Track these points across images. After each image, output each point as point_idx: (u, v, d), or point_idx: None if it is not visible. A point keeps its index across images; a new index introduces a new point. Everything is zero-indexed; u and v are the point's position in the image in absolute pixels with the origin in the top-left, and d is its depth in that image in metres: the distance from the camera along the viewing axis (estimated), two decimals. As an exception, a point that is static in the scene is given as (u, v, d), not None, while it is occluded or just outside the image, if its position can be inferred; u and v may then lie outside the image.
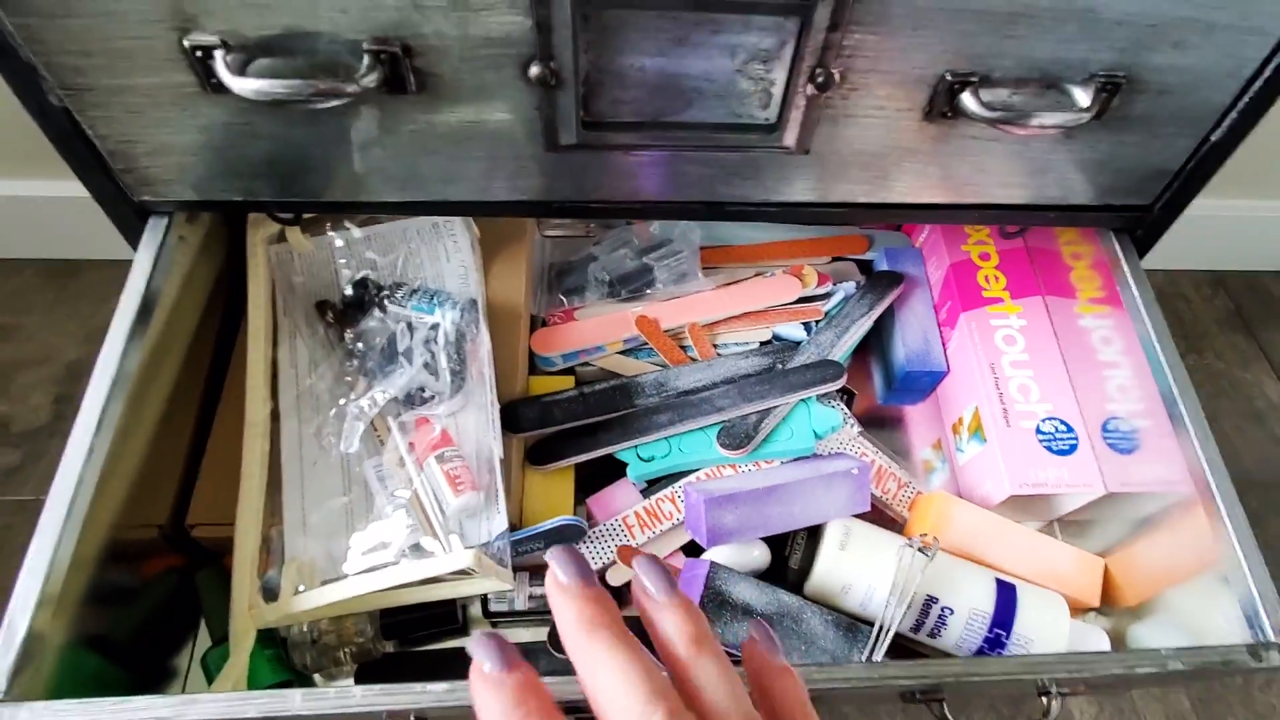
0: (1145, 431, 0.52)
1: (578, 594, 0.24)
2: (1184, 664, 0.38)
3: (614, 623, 0.23)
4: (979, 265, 0.62)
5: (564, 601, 0.24)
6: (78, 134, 0.40)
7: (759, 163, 0.45)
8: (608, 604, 0.24)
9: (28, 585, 0.36)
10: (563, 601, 0.24)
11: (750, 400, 0.55)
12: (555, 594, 0.24)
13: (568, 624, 0.23)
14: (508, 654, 0.23)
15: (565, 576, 0.24)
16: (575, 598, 0.24)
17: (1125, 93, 0.41)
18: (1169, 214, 0.51)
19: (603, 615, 0.23)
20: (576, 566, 0.24)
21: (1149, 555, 0.51)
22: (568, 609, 0.24)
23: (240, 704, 0.33)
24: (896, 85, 0.40)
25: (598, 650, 0.22)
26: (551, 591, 0.24)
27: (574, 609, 0.23)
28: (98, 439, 0.40)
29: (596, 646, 0.22)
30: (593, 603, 0.23)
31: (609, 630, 0.23)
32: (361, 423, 0.48)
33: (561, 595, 0.24)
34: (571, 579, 0.24)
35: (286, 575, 0.44)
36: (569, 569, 0.24)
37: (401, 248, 0.55)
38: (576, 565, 0.24)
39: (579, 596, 0.24)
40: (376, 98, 0.39)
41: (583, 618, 0.23)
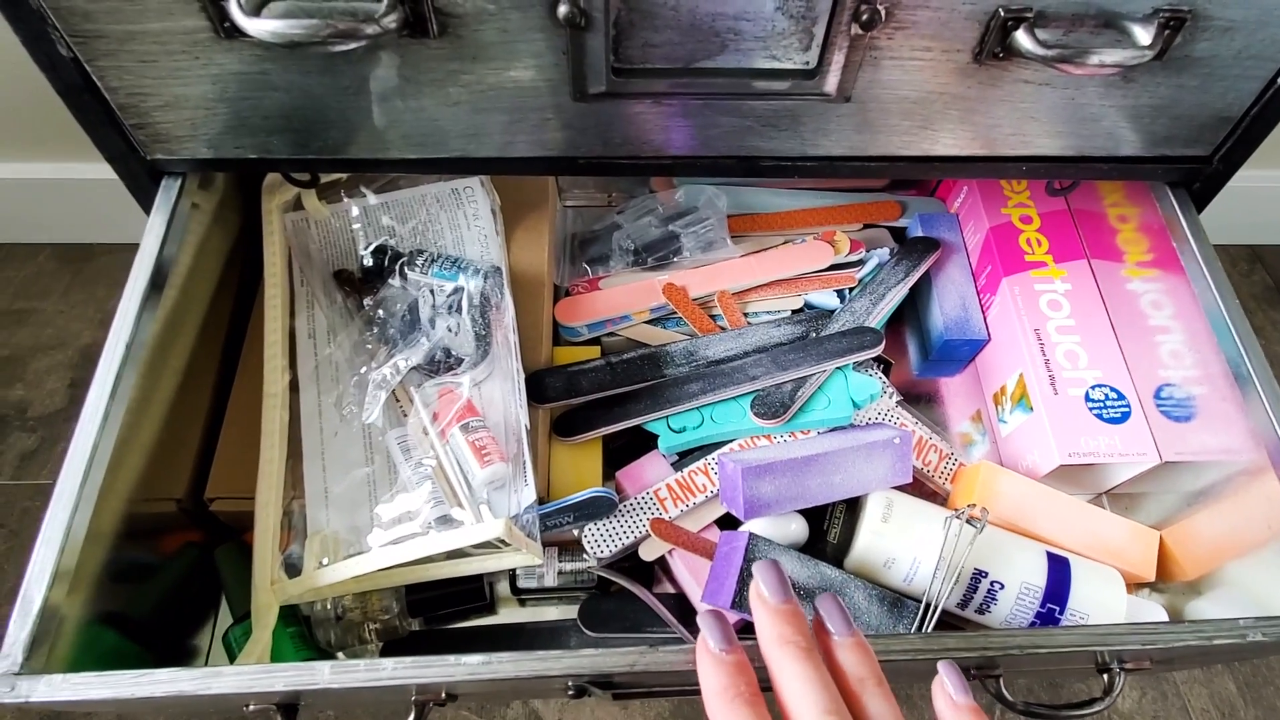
0: (1202, 398, 0.49)
1: (775, 611, 0.28)
2: (1265, 635, 0.35)
3: (804, 639, 0.27)
4: (1020, 229, 0.59)
5: (763, 615, 0.28)
6: (88, 87, 0.38)
7: (797, 112, 0.42)
8: (800, 622, 0.28)
9: (43, 557, 0.35)
10: (762, 614, 0.28)
11: (785, 368, 0.52)
12: (757, 606, 0.29)
13: (765, 635, 0.28)
14: (730, 634, 0.28)
15: (768, 592, 0.29)
16: (772, 614, 0.28)
17: (1188, 29, 0.39)
18: (1228, 167, 0.48)
19: (794, 632, 0.28)
20: (777, 585, 0.29)
21: (1208, 527, 0.49)
22: (766, 624, 0.28)
23: (265, 677, 0.32)
24: (945, 23, 0.38)
25: (788, 661, 0.27)
26: (754, 603, 0.29)
27: (770, 625, 0.28)
28: (112, 407, 0.38)
29: (787, 658, 0.27)
30: (786, 620, 0.28)
31: (798, 647, 0.27)
32: (383, 392, 0.46)
33: (762, 609, 0.28)
34: (773, 595, 0.28)
35: (309, 549, 0.43)
36: (771, 586, 0.29)
37: (420, 214, 0.53)
38: (777, 583, 0.29)
39: (776, 614, 0.28)
40: (396, 42, 0.37)
41: (777, 632, 0.27)
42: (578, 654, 0.33)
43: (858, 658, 0.28)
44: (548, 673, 0.33)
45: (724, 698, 0.26)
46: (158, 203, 0.44)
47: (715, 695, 0.26)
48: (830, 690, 0.26)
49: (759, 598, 0.29)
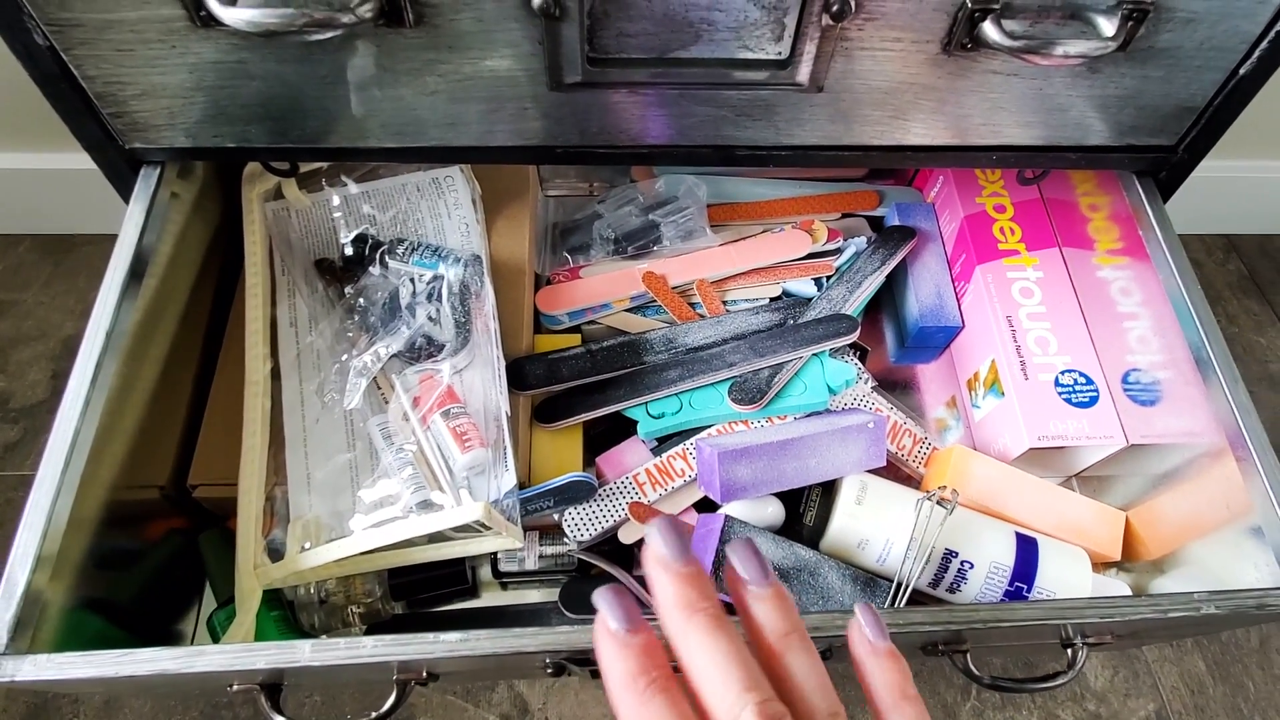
0: (1167, 383, 0.50)
1: (677, 572, 0.24)
2: (1218, 608, 0.36)
3: (711, 605, 0.24)
4: (994, 217, 0.60)
5: (663, 579, 0.24)
6: (64, 75, 0.38)
7: (770, 102, 0.43)
8: (705, 584, 0.24)
9: (25, 541, 0.35)
10: (662, 578, 0.24)
11: (762, 355, 0.53)
12: (654, 569, 0.25)
13: (666, 602, 0.24)
14: (634, 611, 0.24)
15: (667, 551, 0.25)
16: (674, 576, 0.24)
17: (1151, 21, 0.40)
18: (1193, 156, 0.49)
19: (700, 597, 0.24)
20: (676, 542, 0.25)
21: (1172, 508, 0.50)
22: (666, 586, 0.24)
23: (247, 655, 0.33)
24: (914, 14, 0.39)
25: (696, 632, 0.23)
26: (650, 566, 0.25)
27: (672, 588, 0.24)
28: (93, 394, 0.39)
29: (694, 629, 0.23)
30: (691, 582, 0.24)
31: (706, 613, 0.23)
32: (364, 379, 0.46)
33: (661, 571, 0.24)
34: (673, 555, 0.24)
35: (292, 533, 0.43)
36: (671, 544, 0.25)
37: (400, 203, 0.54)
38: (676, 541, 0.25)
39: (678, 575, 0.24)
40: (373, 31, 0.37)
41: (681, 597, 0.24)
42: (553, 630, 0.33)
43: (777, 611, 0.25)
44: (525, 649, 0.34)
45: (634, 688, 0.23)
46: (137, 192, 0.44)
47: (622, 685, 0.23)
48: (746, 663, 0.23)
49: (656, 560, 0.25)
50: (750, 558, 0.26)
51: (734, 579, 0.26)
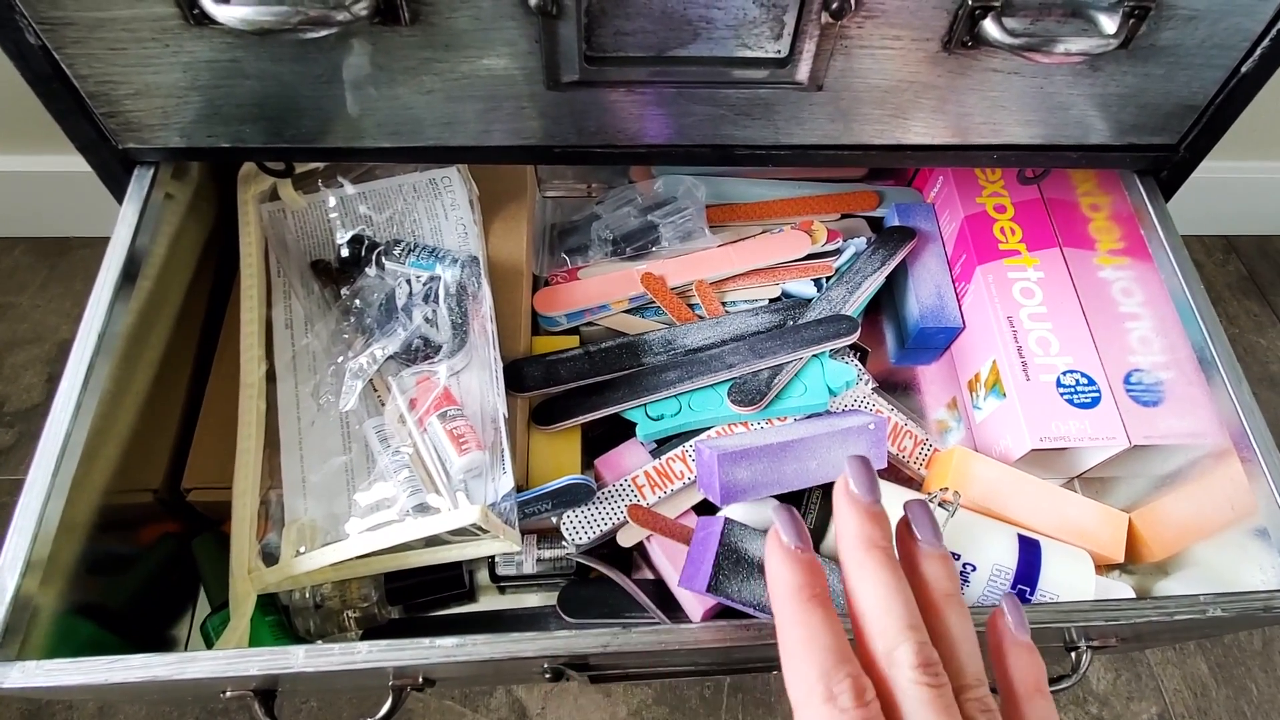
0: (1170, 383, 0.50)
1: (866, 507, 0.26)
2: (1224, 610, 0.36)
3: (889, 545, 0.25)
4: (994, 218, 0.60)
5: (850, 511, 0.26)
6: (57, 75, 0.38)
7: (769, 101, 0.43)
8: (887, 525, 0.26)
9: (15, 545, 0.35)
10: (849, 512, 0.26)
11: (762, 356, 0.53)
12: (843, 502, 0.26)
13: (848, 533, 0.26)
14: (805, 533, 0.26)
15: (858, 488, 0.26)
16: (862, 511, 0.26)
17: (1153, 19, 0.40)
18: (1194, 155, 0.49)
19: (882, 536, 0.25)
20: (869, 483, 0.26)
21: (1175, 510, 0.50)
22: (851, 519, 0.26)
23: (240, 661, 0.32)
24: (914, 11, 0.38)
25: (871, 566, 0.25)
26: (840, 497, 0.26)
27: (856, 521, 0.26)
28: (84, 397, 0.38)
29: (871, 563, 0.25)
30: (875, 520, 0.26)
31: (883, 552, 0.25)
32: (360, 380, 0.46)
33: (850, 504, 0.26)
34: (863, 492, 0.26)
35: (287, 537, 0.43)
36: (863, 483, 0.26)
37: (397, 204, 0.53)
38: (869, 481, 0.26)
39: (864, 512, 0.26)
40: (368, 30, 0.37)
41: (863, 532, 0.25)
42: (551, 635, 0.33)
43: (944, 571, 0.26)
44: (522, 654, 0.33)
45: (799, 596, 0.24)
46: (130, 192, 0.44)
47: (790, 593, 0.24)
48: (912, 604, 0.24)
49: (846, 494, 0.26)
50: (927, 520, 0.27)
51: (906, 536, 0.27)
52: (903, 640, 0.23)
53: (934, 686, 0.23)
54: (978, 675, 0.24)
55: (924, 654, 0.23)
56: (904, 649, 0.23)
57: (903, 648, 0.23)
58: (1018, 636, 0.26)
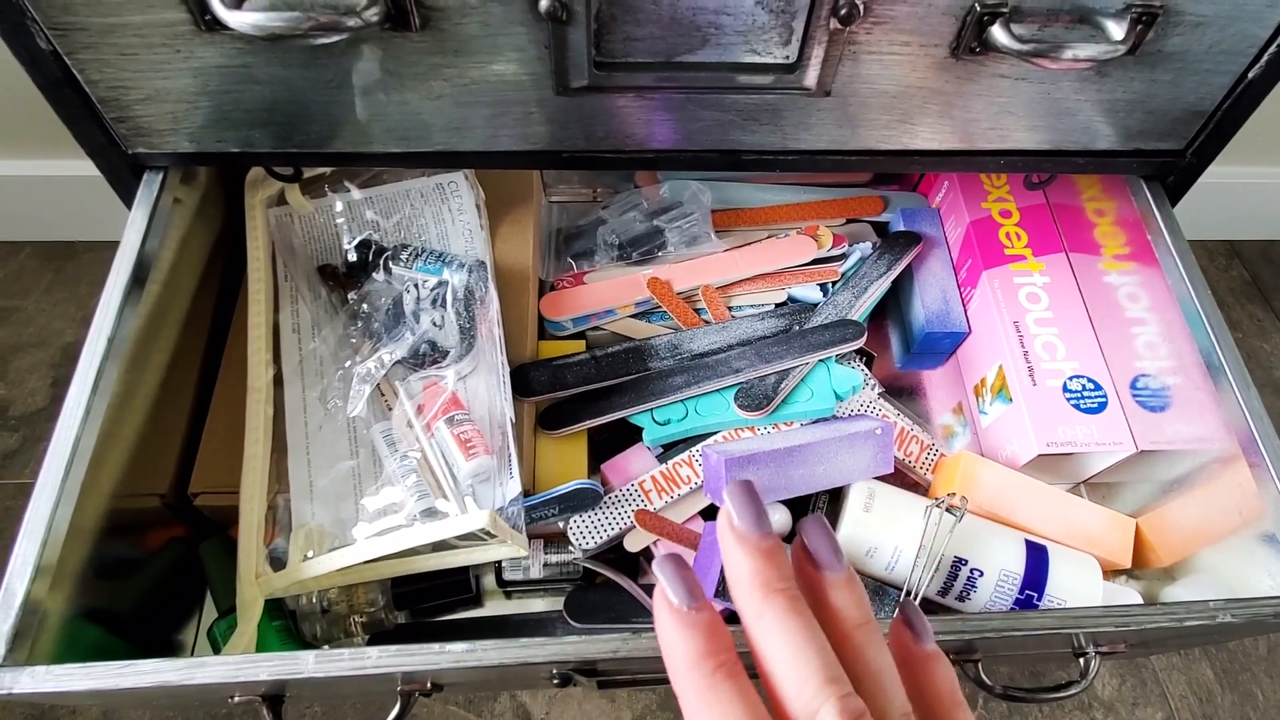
0: (1176, 388, 0.50)
1: (754, 546, 0.22)
2: (1234, 616, 0.36)
3: (789, 585, 0.22)
4: (1000, 223, 0.60)
5: (739, 553, 0.22)
6: (68, 80, 0.38)
7: (778, 106, 0.43)
8: (783, 561, 0.22)
9: (25, 551, 0.35)
10: (737, 552, 0.22)
11: (768, 361, 0.53)
12: (729, 542, 0.22)
13: (741, 579, 0.22)
14: (696, 587, 0.22)
15: (742, 522, 0.22)
16: (752, 550, 0.22)
17: (1160, 25, 0.40)
18: (1201, 160, 0.49)
19: (779, 577, 0.22)
20: (754, 512, 0.23)
21: (1183, 515, 0.49)
22: (742, 562, 0.22)
23: (250, 666, 0.32)
24: (923, 18, 0.38)
25: (773, 615, 0.21)
26: (725, 536, 0.23)
27: (749, 564, 0.22)
28: (94, 402, 0.38)
29: (772, 612, 0.21)
30: (768, 559, 0.22)
31: (784, 595, 0.22)
32: (368, 385, 0.46)
33: (737, 545, 0.22)
34: (749, 527, 0.22)
35: (294, 542, 0.43)
36: (746, 515, 0.23)
37: (404, 209, 0.53)
38: (754, 511, 0.23)
39: (756, 550, 0.22)
40: (378, 35, 0.37)
41: (758, 575, 0.22)
42: (561, 641, 0.33)
43: (852, 598, 0.23)
44: (531, 660, 0.33)
45: (699, 670, 0.21)
46: (139, 197, 0.44)
47: (687, 667, 0.21)
48: (826, 652, 0.21)
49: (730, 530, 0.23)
50: (824, 539, 0.23)
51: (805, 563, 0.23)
52: (824, 699, 0.20)
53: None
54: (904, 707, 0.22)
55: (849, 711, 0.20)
56: (827, 709, 0.20)
57: (825, 708, 0.20)
58: (924, 648, 0.24)
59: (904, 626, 0.24)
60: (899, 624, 0.24)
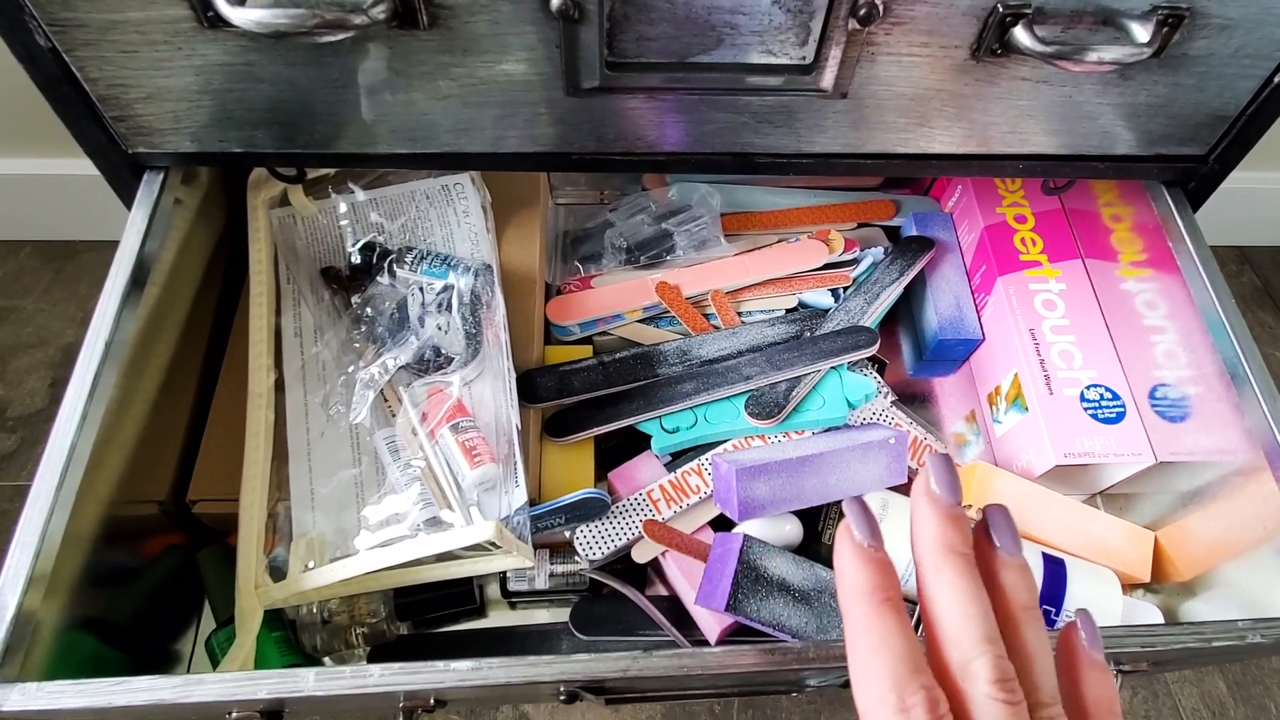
0: (1196, 398, 0.49)
1: (945, 512, 0.24)
2: (1264, 637, 0.35)
3: (968, 551, 0.24)
4: (1015, 228, 0.59)
5: (929, 513, 0.24)
6: (67, 78, 0.37)
7: (792, 108, 0.42)
8: (966, 530, 0.24)
9: (17, 561, 0.34)
10: (928, 513, 0.24)
11: (779, 368, 0.52)
12: (922, 503, 0.25)
13: (926, 536, 0.24)
14: (878, 530, 0.24)
15: (939, 487, 0.25)
16: (941, 515, 0.24)
17: (1186, 27, 0.39)
18: (1224, 166, 0.48)
19: (962, 541, 0.24)
20: (951, 483, 0.25)
21: (1203, 528, 0.48)
22: (930, 521, 0.24)
23: (248, 684, 0.31)
24: (944, 18, 0.37)
25: (950, 573, 0.23)
26: (919, 498, 0.25)
27: (936, 526, 0.24)
28: (90, 406, 0.37)
29: (949, 569, 0.23)
30: (956, 524, 0.24)
31: (963, 559, 0.23)
32: (371, 391, 0.45)
33: (929, 506, 0.24)
34: (944, 493, 0.24)
35: (295, 552, 0.42)
36: (944, 483, 0.25)
37: (409, 211, 0.52)
38: (951, 482, 0.25)
39: (945, 515, 0.24)
40: (385, 33, 0.36)
41: (943, 536, 0.24)
42: (569, 659, 0.32)
43: (1023, 582, 0.25)
44: (539, 679, 0.32)
45: (872, 599, 0.23)
46: (139, 197, 0.43)
47: (861, 595, 0.23)
48: (990, 615, 0.23)
49: (927, 495, 0.25)
50: (1007, 526, 0.25)
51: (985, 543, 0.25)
52: (980, 653, 0.22)
53: (1010, 703, 0.22)
54: (1052, 693, 0.23)
55: (1001, 669, 0.22)
56: (981, 662, 0.22)
57: (979, 661, 0.22)
58: (1092, 655, 0.25)
59: (1076, 631, 0.26)
60: (1072, 628, 0.26)
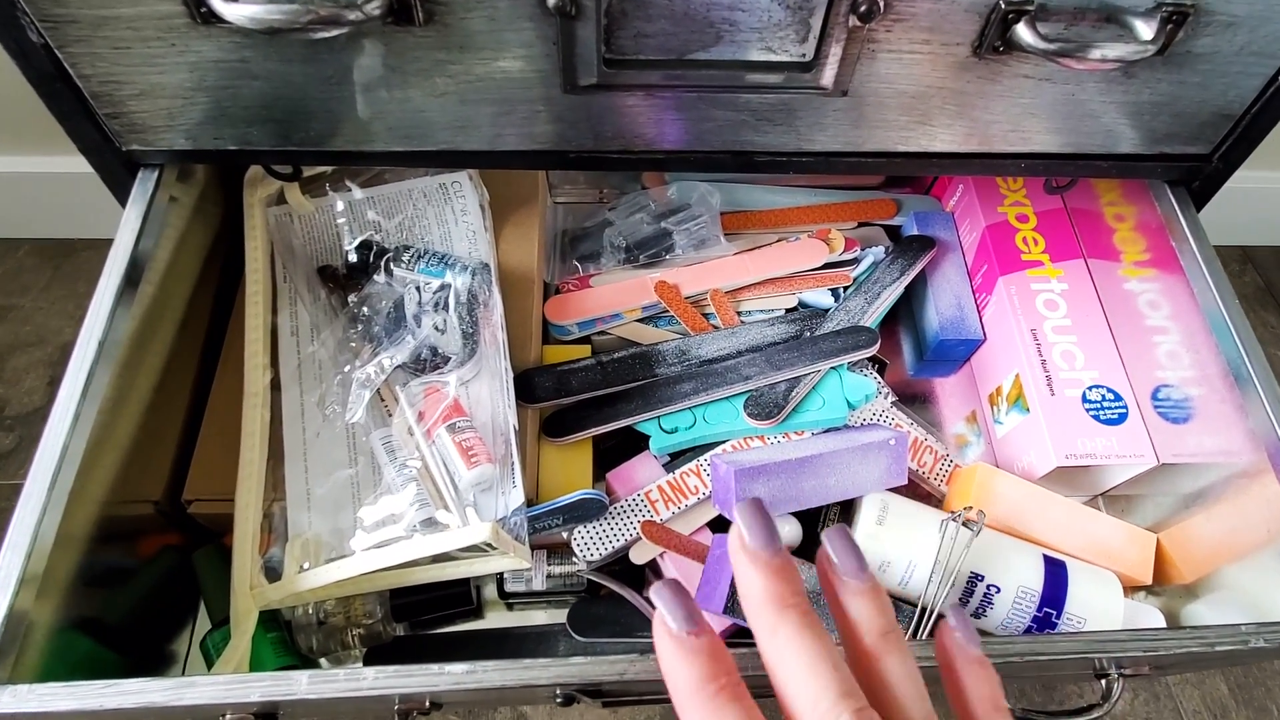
0: (1199, 399, 0.48)
1: (766, 564, 0.22)
2: (1267, 641, 0.34)
3: (801, 601, 0.22)
4: (1016, 227, 0.59)
5: (751, 571, 0.23)
6: (59, 74, 0.37)
7: (792, 106, 0.41)
8: (794, 577, 0.23)
9: (9, 561, 0.34)
10: (749, 570, 0.23)
11: (779, 368, 0.52)
12: (741, 560, 0.23)
13: (753, 597, 0.22)
14: (695, 611, 0.22)
15: (753, 540, 0.23)
16: (764, 568, 0.22)
17: (1191, 24, 0.38)
18: (1228, 165, 0.47)
19: (791, 593, 0.22)
20: (765, 530, 0.23)
21: (1206, 530, 0.48)
22: (754, 580, 0.22)
23: (241, 687, 0.31)
24: (945, 15, 0.37)
25: (786, 633, 0.22)
26: (736, 554, 0.23)
27: (760, 581, 0.22)
28: (83, 406, 0.37)
29: (785, 628, 0.22)
30: (780, 576, 0.22)
31: (796, 611, 0.22)
32: (367, 391, 0.45)
33: (749, 563, 0.23)
34: (760, 545, 0.23)
35: (290, 552, 0.41)
36: (757, 532, 0.23)
37: (406, 209, 0.52)
38: (765, 528, 0.23)
39: (767, 567, 0.22)
40: (380, 30, 0.35)
41: (770, 592, 0.22)
42: (566, 662, 0.32)
43: (874, 607, 0.23)
44: (534, 682, 0.32)
45: (701, 694, 0.21)
46: (134, 195, 0.42)
47: (690, 692, 0.21)
48: (840, 668, 0.21)
49: (742, 548, 0.23)
50: (847, 547, 0.24)
51: (828, 571, 0.24)
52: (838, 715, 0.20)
53: None
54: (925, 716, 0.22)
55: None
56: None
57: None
58: (969, 651, 0.24)
59: (949, 630, 0.24)
60: (945, 627, 0.24)
